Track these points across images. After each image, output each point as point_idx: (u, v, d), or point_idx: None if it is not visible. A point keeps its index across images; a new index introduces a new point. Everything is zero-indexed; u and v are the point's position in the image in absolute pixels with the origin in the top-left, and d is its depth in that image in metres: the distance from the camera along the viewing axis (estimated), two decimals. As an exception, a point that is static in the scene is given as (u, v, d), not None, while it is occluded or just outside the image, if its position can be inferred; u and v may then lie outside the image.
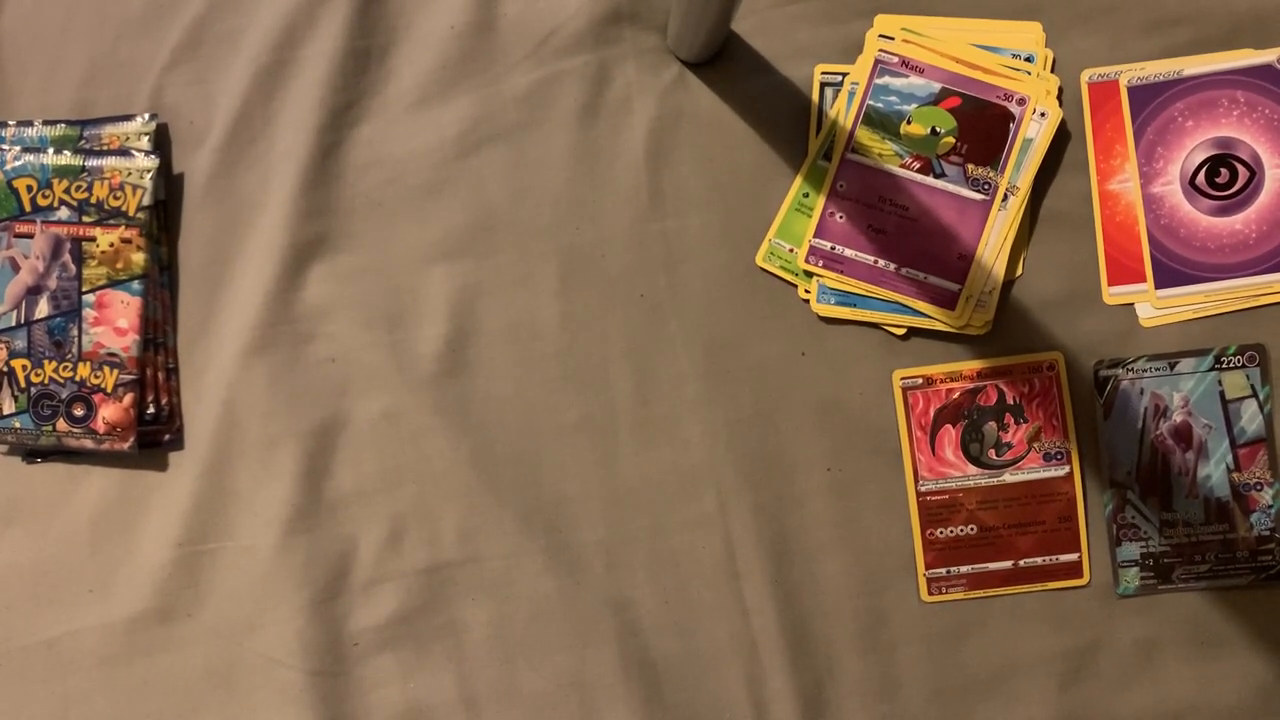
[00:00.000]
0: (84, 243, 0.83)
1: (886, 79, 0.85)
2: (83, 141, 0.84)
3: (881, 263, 0.83)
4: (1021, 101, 0.84)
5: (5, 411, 0.83)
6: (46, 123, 0.85)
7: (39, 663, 0.82)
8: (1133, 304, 0.84)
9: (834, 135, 0.85)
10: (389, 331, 0.84)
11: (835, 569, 0.82)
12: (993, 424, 0.83)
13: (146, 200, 0.83)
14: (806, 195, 0.85)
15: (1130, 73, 0.84)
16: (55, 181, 0.83)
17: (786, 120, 0.86)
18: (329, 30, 0.86)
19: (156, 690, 0.82)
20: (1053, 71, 0.85)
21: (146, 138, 0.84)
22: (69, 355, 0.83)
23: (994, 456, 0.83)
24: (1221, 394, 0.82)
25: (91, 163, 0.83)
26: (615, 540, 0.83)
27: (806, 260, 0.84)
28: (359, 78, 0.86)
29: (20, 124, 0.85)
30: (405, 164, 0.85)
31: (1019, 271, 0.84)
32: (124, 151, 0.84)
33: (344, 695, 0.82)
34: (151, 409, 0.83)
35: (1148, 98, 0.84)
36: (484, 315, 0.84)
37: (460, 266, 0.85)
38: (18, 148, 0.84)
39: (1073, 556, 0.82)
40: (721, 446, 0.83)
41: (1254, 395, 0.82)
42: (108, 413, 0.82)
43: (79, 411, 0.82)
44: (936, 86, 0.84)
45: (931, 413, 0.83)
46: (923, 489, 0.83)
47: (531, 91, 0.86)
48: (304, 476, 0.83)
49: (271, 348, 0.84)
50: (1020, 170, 0.83)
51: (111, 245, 0.83)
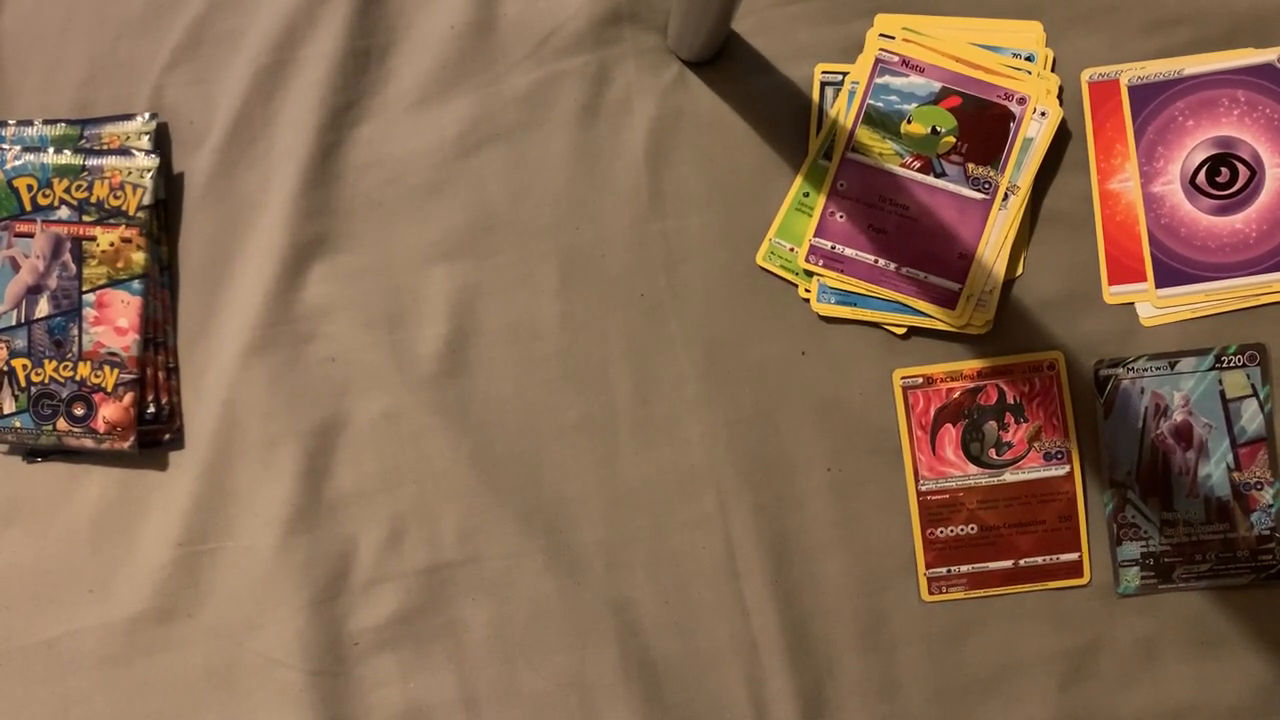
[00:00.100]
0: (84, 242, 0.83)
1: (887, 78, 0.85)
2: (83, 141, 0.84)
3: (882, 262, 0.83)
4: (1022, 101, 0.84)
5: (5, 411, 0.83)
6: (47, 122, 0.85)
7: (39, 663, 0.82)
8: (1133, 303, 0.83)
9: (834, 135, 0.85)
10: (389, 331, 0.84)
11: (835, 569, 0.82)
12: (993, 423, 0.83)
13: (147, 200, 0.83)
14: (807, 195, 0.85)
15: (1130, 72, 0.84)
16: (55, 181, 0.83)
17: (787, 120, 0.86)
18: (329, 30, 0.86)
19: (156, 690, 0.82)
20: (1053, 71, 0.85)
21: (146, 137, 0.84)
22: (69, 355, 0.83)
23: (994, 456, 0.83)
24: (1222, 393, 0.82)
25: (92, 162, 0.83)
26: (615, 540, 0.83)
27: (807, 260, 0.84)
28: (359, 78, 0.86)
29: (20, 123, 0.85)
30: (405, 164, 0.85)
31: (1019, 271, 0.84)
32: (124, 151, 0.84)
33: (344, 695, 0.82)
34: (151, 408, 0.83)
35: (1148, 97, 0.84)
36: (484, 315, 0.84)
37: (460, 266, 0.85)
38: (18, 147, 0.84)
39: (1073, 556, 0.82)
40: (721, 446, 0.83)
41: (1254, 394, 0.82)
42: (108, 412, 0.82)
43: (79, 411, 0.82)
44: (937, 86, 0.84)
45: (932, 412, 0.83)
46: (923, 488, 0.83)
47: (531, 91, 0.86)
48: (304, 476, 0.83)
49: (271, 348, 0.84)
50: (1021, 170, 0.83)
51: (112, 245, 0.83)
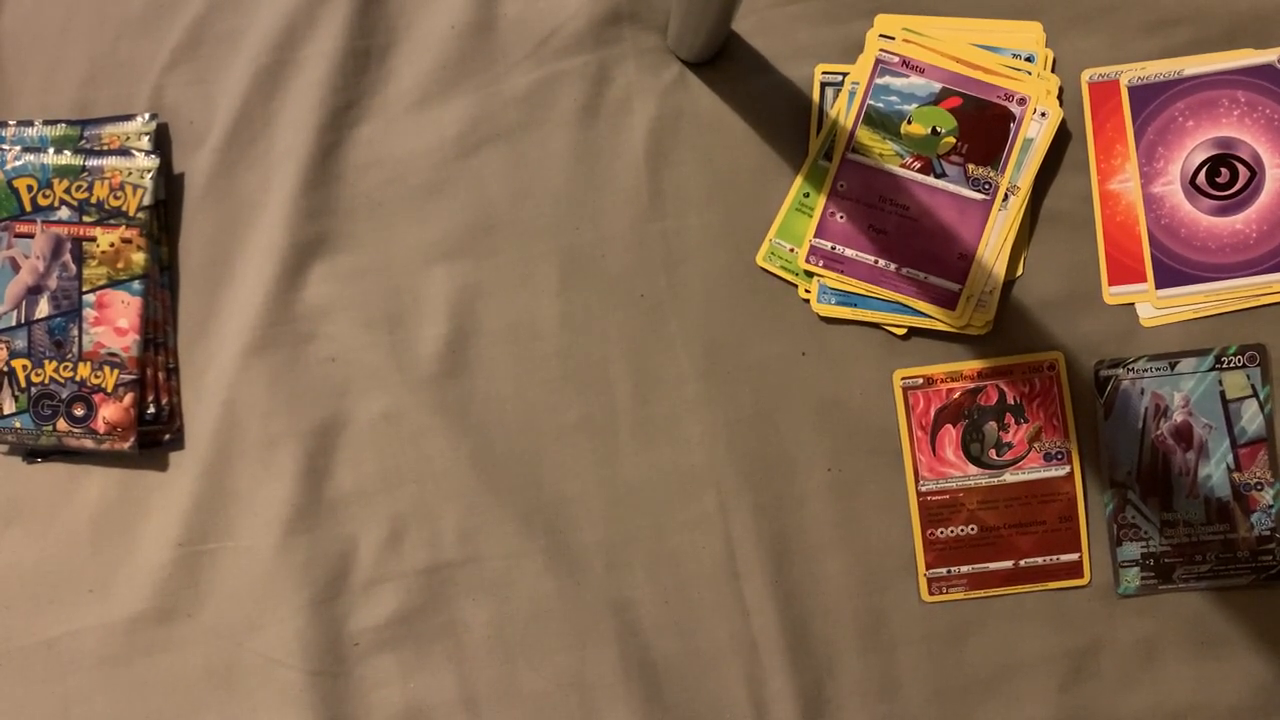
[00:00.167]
0: (84, 242, 0.83)
1: (887, 79, 0.85)
2: (83, 141, 0.84)
3: (882, 263, 0.83)
4: (1022, 101, 0.84)
5: (5, 411, 0.83)
6: (47, 122, 0.85)
7: (39, 663, 0.82)
8: (1133, 304, 0.83)
9: (834, 135, 0.85)
10: (389, 331, 0.84)
11: (835, 569, 0.82)
12: (993, 424, 0.83)
13: (147, 200, 0.83)
14: (807, 195, 0.85)
15: (1130, 72, 0.84)
16: (55, 181, 0.83)
17: (787, 120, 0.86)
18: (329, 30, 0.86)
19: (156, 690, 0.82)
20: (1053, 71, 0.85)
21: (146, 138, 0.84)
22: (69, 355, 0.83)
23: (994, 456, 0.83)
24: (1222, 394, 0.82)
25: (92, 162, 0.83)
26: (615, 540, 0.83)
27: (807, 260, 0.84)
28: (359, 78, 0.86)
29: (20, 124, 0.85)
30: (405, 164, 0.85)
31: (1019, 271, 0.84)
32: (124, 151, 0.84)
33: (344, 695, 0.82)
34: (152, 409, 0.83)
35: (1148, 97, 0.84)
36: (484, 315, 0.84)
37: (460, 266, 0.85)
38: (18, 147, 0.84)
39: (1073, 556, 0.82)
40: (721, 446, 0.83)
41: (1254, 395, 0.82)
42: (108, 413, 0.82)
43: (79, 411, 0.82)
44: (937, 86, 0.84)
45: (932, 413, 0.83)
46: (923, 489, 0.83)
47: (531, 91, 0.86)
48: (304, 476, 0.83)
49: (271, 348, 0.84)
50: (1021, 170, 0.83)
51: (112, 245, 0.83)
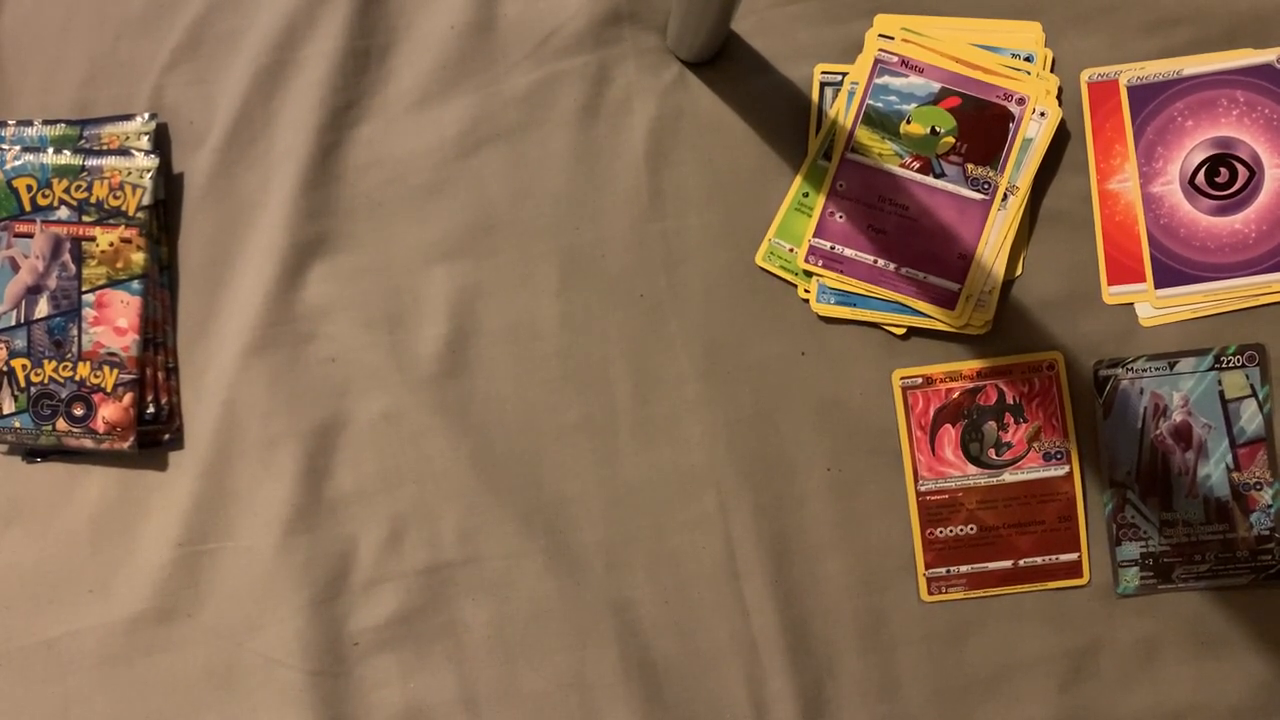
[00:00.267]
0: (84, 242, 0.83)
1: (886, 79, 0.85)
2: (83, 141, 0.84)
3: (881, 262, 0.83)
4: (1021, 101, 0.84)
5: (5, 411, 0.83)
6: (46, 122, 0.85)
7: (39, 663, 0.82)
8: (1132, 304, 0.84)
9: (834, 135, 0.85)
10: (389, 331, 0.84)
11: (835, 569, 0.82)
12: (992, 424, 0.83)
13: (146, 200, 0.83)
14: (806, 195, 0.85)
15: (1130, 72, 0.84)
16: (55, 181, 0.83)
17: (786, 120, 0.86)
18: (329, 30, 0.86)
19: (156, 690, 0.82)
20: (1052, 71, 0.85)
21: (146, 138, 0.84)
22: (69, 355, 0.83)
23: (994, 456, 0.83)
24: (1221, 394, 0.82)
25: (91, 162, 0.83)
26: (615, 540, 0.83)
27: (806, 260, 0.84)
28: (359, 78, 0.86)
29: (20, 124, 0.85)
30: (405, 164, 0.85)
31: (1019, 271, 0.84)
32: (124, 151, 0.84)
33: (344, 695, 0.82)
34: (151, 409, 0.83)
35: (1147, 97, 0.84)
36: (484, 315, 0.84)
37: (460, 266, 0.85)
38: (18, 147, 0.84)
39: (1073, 556, 0.82)
40: (721, 446, 0.83)
41: (1254, 395, 0.82)
42: (108, 412, 0.82)
43: (79, 411, 0.82)
44: (936, 86, 0.84)
45: (931, 412, 0.83)
46: (923, 489, 0.83)
47: (531, 91, 0.86)
48: (304, 476, 0.83)
49: (271, 348, 0.84)
50: (1020, 170, 0.83)
51: (111, 245, 0.83)
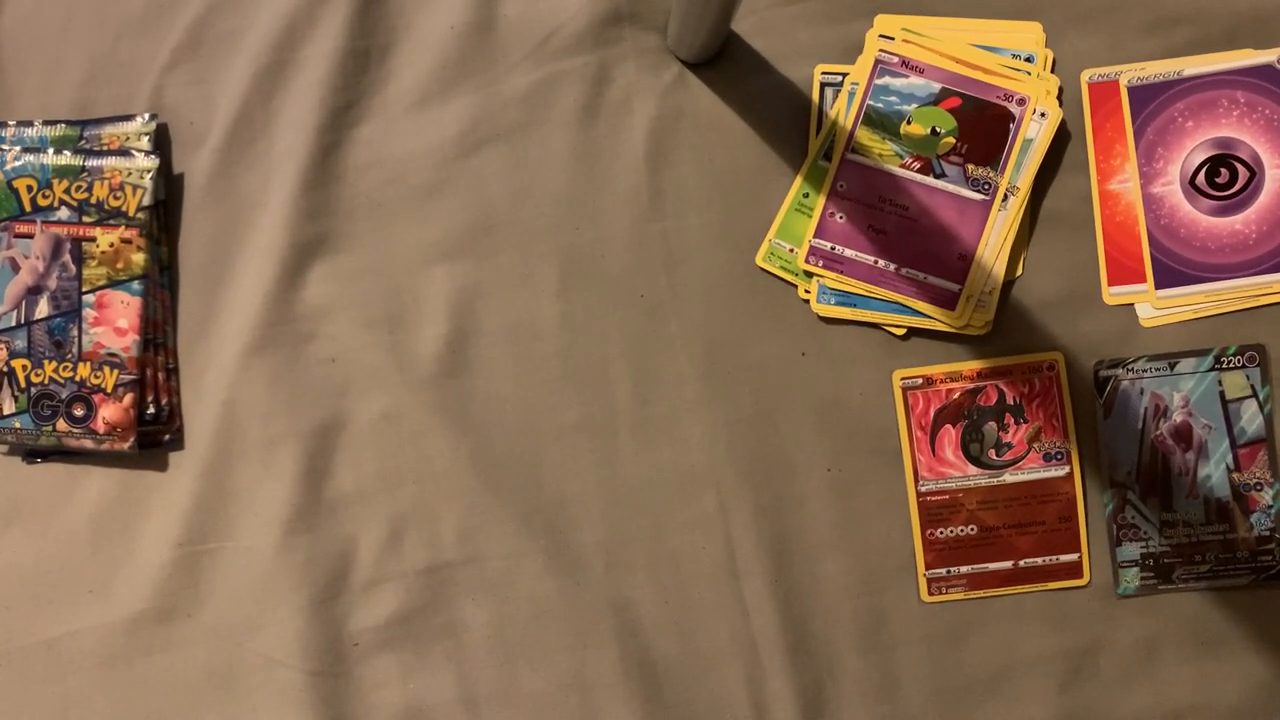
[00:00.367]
0: (84, 243, 0.83)
1: (886, 79, 0.85)
2: (83, 141, 0.84)
3: (881, 263, 0.83)
4: (1021, 101, 0.84)
5: (5, 411, 0.83)
6: (46, 123, 0.85)
7: (39, 663, 0.82)
8: (1133, 304, 0.83)
9: (834, 135, 0.85)
10: (389, 331, 0.84)
11: (835, 569, 0.82)
12: (993, 424, 0.83)
13: (146, 200, 0.83)
14: (806, 195, 0.85)
15: (1130, 73, 0.84)
16: (55, 181, 0.83)
17: (786, 120, 0.86)
18: (329, 30, 0.86)
19: (156, 690, 0.82)
20: (1053, 71, 0.85)
21: (146, 138, 0.84)
22: (69, 355, 0.83)
23: (994, 456, 0.83)
24: (1221, 394, 0.82)
25: (91, 163, 0.83)
26: (615, 540, 0.83)
27: (806, 260, 0.84)
28: (359, 78, 0.86)
29: (20, 124, 0.85)
30: (405, 164, 0.85)
31: (1019, 271, 0.84)
32: (124, 151, 0.84)
33: (344, 695, 0.82)
34: (151, 409, 0.83)
35: (1148, 98, 0.84)
36: (484, 315, 0.84)
37: (460, 266, 0.85)
38: (18, 148, 0.84)
39: (1073, 557, 0.82)
40: (721, 446, 0.83)
41: (1254, 395, 0.82)
42: (108, 413, 0.82)
43: (79, 411, 0.82)
44: (936, 86, 0.84)
45: (931, 413, 0.83)
46: (923, 489, 0.83)
47: (531, 92, 0.86)
48: (304, 476, 0.83)
49: (271, 348, 0.84)
50: (1020, 170, 0.83)
51: (111, 245, 0.83)
